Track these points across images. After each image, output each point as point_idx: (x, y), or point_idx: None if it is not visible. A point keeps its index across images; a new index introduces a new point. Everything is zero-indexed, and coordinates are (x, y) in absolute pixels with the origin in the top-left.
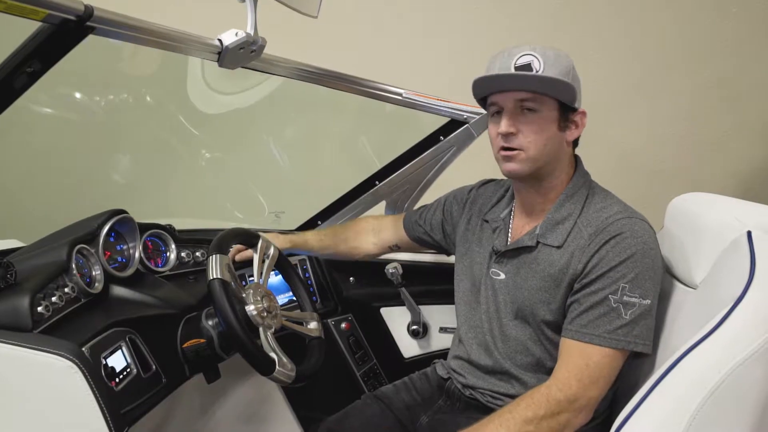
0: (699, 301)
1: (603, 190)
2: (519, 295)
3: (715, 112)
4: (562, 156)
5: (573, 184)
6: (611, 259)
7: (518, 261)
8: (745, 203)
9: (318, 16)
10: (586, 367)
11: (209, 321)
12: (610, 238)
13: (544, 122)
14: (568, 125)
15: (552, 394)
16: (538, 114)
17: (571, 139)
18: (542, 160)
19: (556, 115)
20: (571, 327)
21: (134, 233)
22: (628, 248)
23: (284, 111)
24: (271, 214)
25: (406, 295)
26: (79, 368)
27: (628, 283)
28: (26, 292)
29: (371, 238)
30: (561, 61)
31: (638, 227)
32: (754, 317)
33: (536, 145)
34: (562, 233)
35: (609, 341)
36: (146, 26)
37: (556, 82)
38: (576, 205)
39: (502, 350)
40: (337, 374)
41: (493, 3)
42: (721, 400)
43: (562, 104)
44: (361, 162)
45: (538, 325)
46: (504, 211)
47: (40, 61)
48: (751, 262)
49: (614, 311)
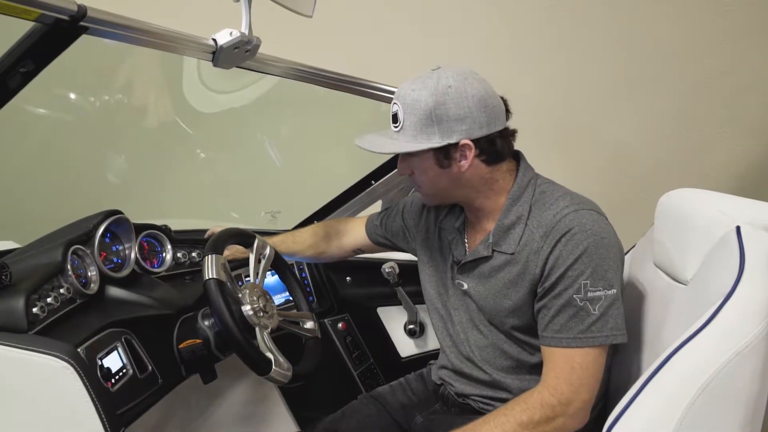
0: (689, 297)
1: (549, 184)
2: (485, 303)
3: (709, 109)
4: (471, 182)
5: (517, 187)
6: (566, 257)
7: (478, 271)
8: (734, 198)
9: (313, 15)
10: (571, 369)
11: (205, 321)
12: (561, 236)
13: (423, 165)
14: (451, 161)
15: (545, 399)
16: (417, 158)
17: (464, 170)
18: (441, 194)
19: (432, 158)
20: (546, 334)
21: (130, 234)
22: (580, 243)
23: (279, 110)
24: (267, 213)
25: (403, 295)
26: (75, 369)
27: (588, 278)
28: (21, 293)
29: (334, 242)
30: (418, 105)
31: (586, 219)
32: (745, 312)
33: (425, 184)
34: (514, 239)
35: (585, 341)
36: (140, 26)
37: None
38: (524, 207)
39: (482, 358)
40: (334, 374)
41: (492, 2)
42: (713, 395)
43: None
44: (357, 161)
45: (508, 331)
46: (458, 220)
47: (34, 61)
48: (740, 257)
49: (583, 310)
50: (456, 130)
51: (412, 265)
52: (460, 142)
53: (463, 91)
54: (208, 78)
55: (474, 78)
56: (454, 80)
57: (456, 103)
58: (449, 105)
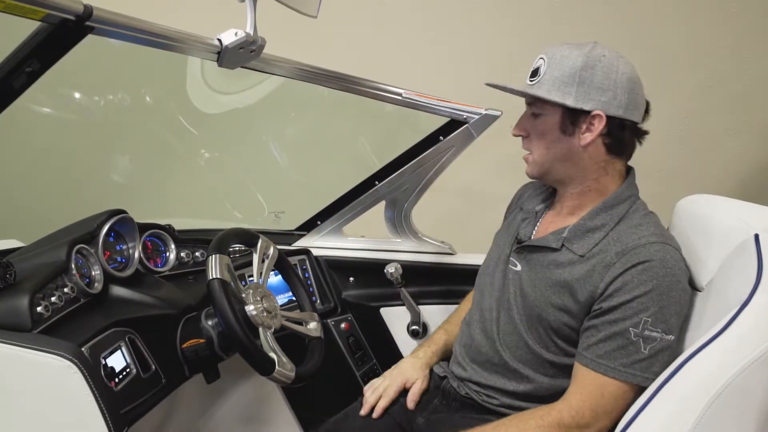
0: (705, 304)
1: (645, 210)
2: (530, 292)
3: (715, 112)
4: (582, 162)
5: (615, 196)
6: (635, 287)
7: (537, 258)
8: (753, 206)
9: (318, 15)
10: (601, 397)
11: (209, 321)
12: (638, 263)
13: (545, 126)
14: (576, 129)
15: (564, 420)
16: (541, 118)
17: (585, 143)
18: (548, 164)
19: (558, 119)
20: (587, 354)
21: (134, 233)
22: (655, 278)
23: (284, 111)
24: (270, 213)
25: (406, 296)
26: (79, 368)
27: (651, 316)
28: (26, 292)
29: None
30: (566, 61)
31: (669, 256)
32: (761, 320)
33: (539, 148)
34: (589, 243)
35: (625, 375)
36: (146, 26)
37: (530, 92)
38: (611, 218)
39: (502, 340)
40: (336, 374)
41: (493, 2)
42: (727, 402)
43: (567, 108)
44: (360, 162)
45: (544, 328)
46: (541, 204)
47: (39, 60)
48: (758, 265)
49: (633, 345)
50: (594, 98)
51: (416, 266)
52: (593, 111)
53: (615, 65)
54: (212, 78)
55: (629, 61)
56: (609, 53)
57: (604, 73)
58: (597, 71)
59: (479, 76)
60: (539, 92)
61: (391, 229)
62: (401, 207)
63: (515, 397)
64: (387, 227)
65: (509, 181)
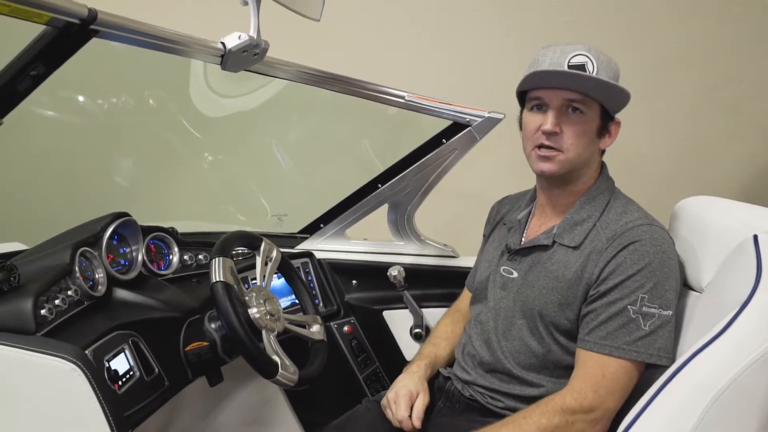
0: (705, 305)
1: (625, 197)
2: (529, 294)
3: (718, 114)
4: (594, 162)
5: (596, 187)
6: (629, 266)
7: (531, 260)
8: (752, 207)
9: (320, 19)
10: (602, 377)
11: (212, 324)
12: (629, 243)
13: (586, 125)
14: (605, 133)
15: (566, 403)
16: (583, 116)
17: (604, 147)
18: (577, 164)
19: (598, 121)
20: (589, 338)
21: (137, 236)
22: (647, 255)
23: (287, 114)
24: (273, 216)
25: (409, 299)
26: (82, 371)
27: (647, 293)
28: (29, 295)
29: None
30: (612, 66)
31: (658, 235)
32: (761, 321)
33: (576, 147)
34: (579, 234)
35: (628, 353)
36: (149, 29)
37: (612, 87)
38: (596, 208)
39: (504, 348)
40: (339, 377)
41: (494, 5)
42: (727, 404)
43: (604, 111)
44: (363, 165)
45: (546, 327)
46: (522, 212)
47: (44, 64)
48: (757, 266)
49: (633, 322)
50: (617, 107)
51: (419, 269)
52: (616, 118)
53: None
54: (215, 81)
55: None
56: None
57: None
58: (620, 79)
59: (482, 79)
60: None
61: (393, 232)
62: (404, 210)
63: (520, 400)
64: (390, 230)
65: (512, 184)
